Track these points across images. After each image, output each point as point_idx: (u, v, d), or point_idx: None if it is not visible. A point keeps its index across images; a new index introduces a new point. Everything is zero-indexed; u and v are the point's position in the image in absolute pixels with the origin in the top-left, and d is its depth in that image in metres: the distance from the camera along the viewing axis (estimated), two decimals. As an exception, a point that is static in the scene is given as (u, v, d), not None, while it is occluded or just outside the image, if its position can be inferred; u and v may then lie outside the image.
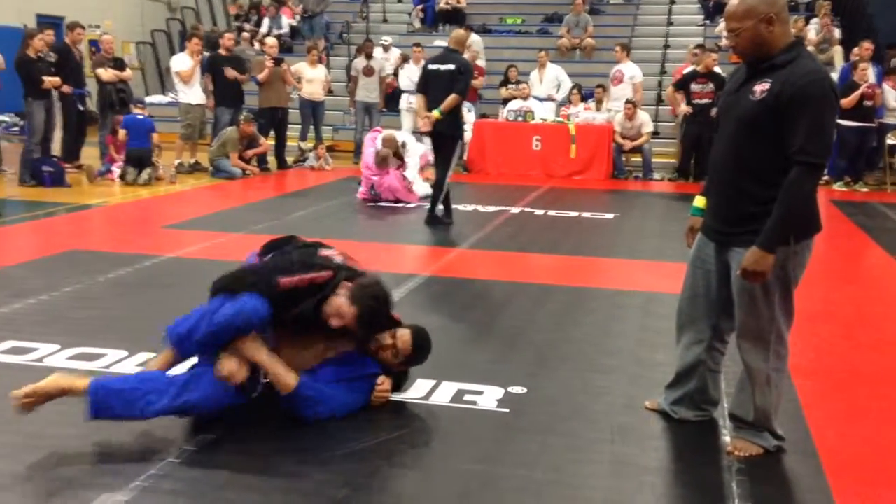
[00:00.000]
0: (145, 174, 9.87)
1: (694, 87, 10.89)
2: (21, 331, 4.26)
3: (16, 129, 14.17)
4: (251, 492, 2.77)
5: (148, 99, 15.56)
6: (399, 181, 8.82)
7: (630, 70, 12.15)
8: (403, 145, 9.03)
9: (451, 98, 7.41)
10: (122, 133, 9.94)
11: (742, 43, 2.97)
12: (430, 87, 7.57)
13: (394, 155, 8.88)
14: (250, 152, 10.86)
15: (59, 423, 3.19)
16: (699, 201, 3.31)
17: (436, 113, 7.39)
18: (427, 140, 8.61)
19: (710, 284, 3.20)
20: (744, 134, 2.97)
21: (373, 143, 9.00)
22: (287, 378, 3.15)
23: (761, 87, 2.91)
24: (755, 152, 2.94)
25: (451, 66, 7.52)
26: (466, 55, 13.09)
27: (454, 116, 7.61)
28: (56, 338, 4.16)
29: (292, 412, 3.19)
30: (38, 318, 4.51)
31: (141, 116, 10.12)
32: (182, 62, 11.24)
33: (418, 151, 9.15)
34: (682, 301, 3.32)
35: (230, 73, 11.01)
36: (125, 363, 3.85)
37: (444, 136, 7.61)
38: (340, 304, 3.24)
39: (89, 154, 10.56)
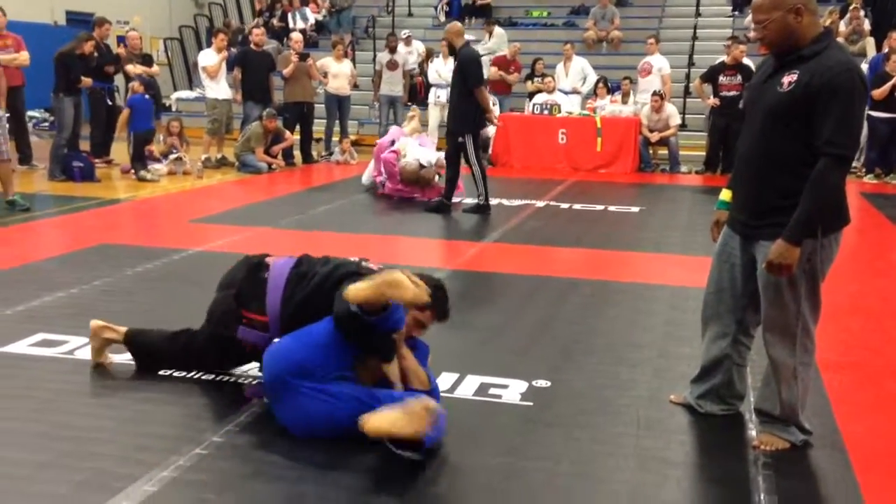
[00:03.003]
0: (164, 167, 10.04)
1: (722, 79, 10.78)
2: (52, 324, 4.32)
3: (45, 124, 14.36)
4: (279, 482, 2.80)
5: (175, 94, 15.75)
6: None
7: (658, 62, 12.06)
8: (421, 167, 8.64)
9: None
10: (125, 113, 9.83)
11: (770, 34, 2.94)
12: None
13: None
14: (276, 147, 10.92)
15: (87, 415, 3.24)
16: (725, 195, 3.29)
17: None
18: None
19: (735, 278, 3.18)
20: (771, 126, 2.94)
21: (394, 162, 8.70)
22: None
23: (789, 79, 2.88)
24: (782, 144, 2.91)
25: None
26: (500, 47, 13.27)
27: None
28: (86, 331, 4.19)
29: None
30: (69, 311, 4.57)
31: (148, 97, 10.11)
32: (208, 58, 11.32)
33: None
34: (708, 295, 3.29)
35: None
36: (153, 355, 3.89)
37: None
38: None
39: (118, 149, 10.67)
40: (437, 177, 8.64)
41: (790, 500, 2.75)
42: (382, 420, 2.80)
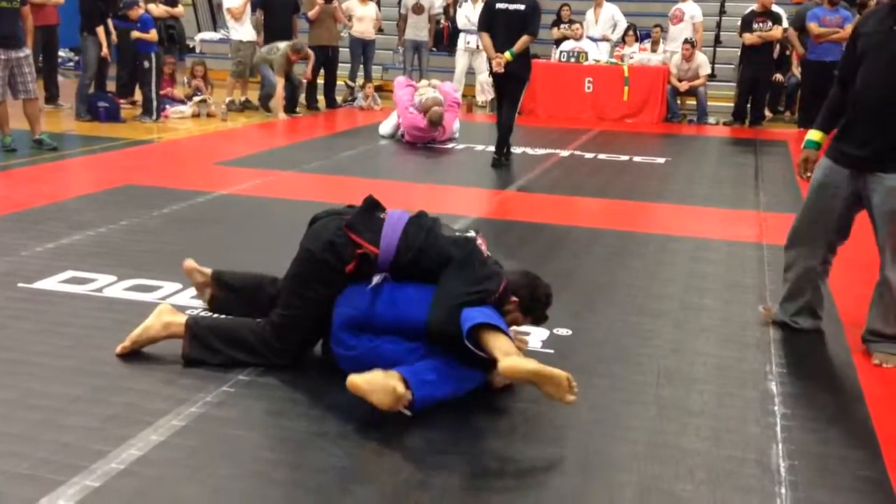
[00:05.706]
0: (188, 109, 10.15)
1: (754, 26, 10.56)
2: (80, 262, 4.39)
3: (71, 64, 14.37)
4: (305, 420, 2.85)
5: (199, 36, 15.66)
6: (450, 128, 8.89)
7: (691, 9, 11.83)
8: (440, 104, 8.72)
9: (525, 39, 7.45)
10: (135, 33, 9.69)
11: None
12: (498, 26, 7.47)
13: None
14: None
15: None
16: (815, 135, 3.64)
17: (508, 55, 7.38)
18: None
19: (835, 207, 3.52)
20: None
21: (411, 99, 8.77)
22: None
23: None
24: None
25: (521, 6, 7.47)
26: None
27: (525, 57, 7.65)
28: (113, 269, 4.28)
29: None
30: (96, 250, 4.64)
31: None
32: (233, -1, 11.23)
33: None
34: (801, 223, 3.65)
35: None
36: (180, 295, 3.95)
37: (513, 78, 7.60)
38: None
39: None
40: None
41: (807, 453, 2.78)
42: (362, 384, 2.79)
